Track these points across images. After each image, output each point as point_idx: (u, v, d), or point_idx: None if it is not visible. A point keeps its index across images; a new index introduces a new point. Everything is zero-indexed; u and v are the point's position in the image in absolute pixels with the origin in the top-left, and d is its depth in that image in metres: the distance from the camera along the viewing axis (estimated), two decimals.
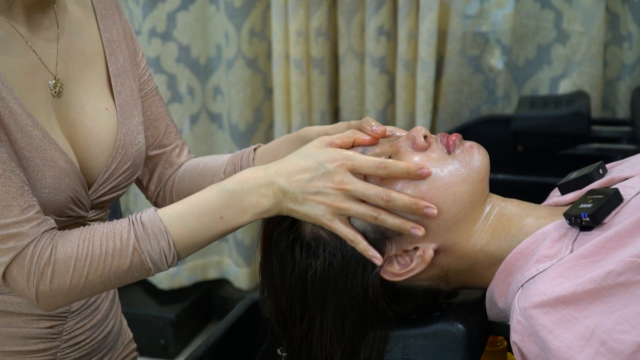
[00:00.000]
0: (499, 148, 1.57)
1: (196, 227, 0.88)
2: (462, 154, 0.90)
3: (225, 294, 2.61)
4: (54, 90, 0.97)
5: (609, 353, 0.71)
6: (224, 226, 0.88)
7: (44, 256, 0.85)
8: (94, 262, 0.85)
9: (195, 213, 0.88)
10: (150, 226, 0.87)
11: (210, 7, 2.36)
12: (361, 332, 0.91)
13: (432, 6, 2.03)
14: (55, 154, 0.93)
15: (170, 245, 0.87)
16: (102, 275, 0.86)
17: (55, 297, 0.86)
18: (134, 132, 1.04)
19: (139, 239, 0.86)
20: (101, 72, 1.04)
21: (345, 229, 0.87)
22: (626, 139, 1.90)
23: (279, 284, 0.93)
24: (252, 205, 0.87)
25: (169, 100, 2.39)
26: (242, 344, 1.10)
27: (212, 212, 0.87)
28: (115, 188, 1.03)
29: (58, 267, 0.85)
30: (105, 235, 0.86)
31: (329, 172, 0.86)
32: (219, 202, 0.88)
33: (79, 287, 0.86)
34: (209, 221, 0.88)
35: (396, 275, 0.89)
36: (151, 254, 0.86)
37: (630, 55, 2.04)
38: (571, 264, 0.79)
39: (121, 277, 0.87)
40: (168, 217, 0.87)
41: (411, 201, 0.86)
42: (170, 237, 0.87)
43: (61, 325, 1.04)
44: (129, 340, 1.21)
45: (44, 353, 1.02)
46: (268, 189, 0.87)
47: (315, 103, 2.30)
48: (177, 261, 0.89)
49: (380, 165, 0.86)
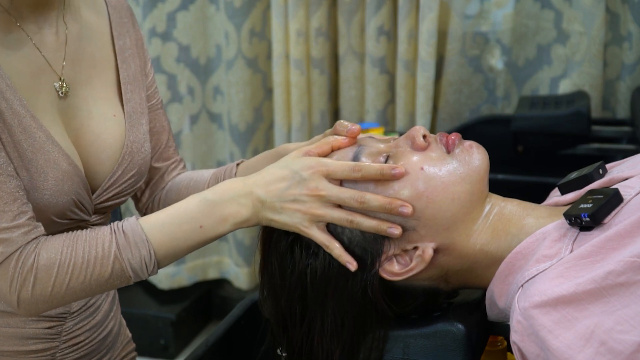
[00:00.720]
0: (499, 148, 1.57)
1: (176, 235, 0.89)
2: (462, 154, 0.90)
3: (225, 294, 2.61)
4: (60, 92, 0.97)
5: (609, 353, 0.71)
6: (204, 235, 0.89)
7: (27, 263, 0.86)
8: (76, 270, 0.86)
9: (175, 222, 0.89)
10: (131, 235, 0.88)
11: (210, 7, 2.36)
12: (361, 332, 0.91)
13: (432, 6, 2.03)
14: (58, 156, 0.93)
15: (151, 254, 0.88)
16: (83, 283, 0.87)
17: (37, 304, 0.87)
18: (141, 141, 1.04)
19: (120, 247, 0.87)
20: (110, 78, 1.04)
21: (321, 234, 0.88)
22: (626, 139, 1.90)
23: (278, 284, 0.93)
24: (231, 214, 0.89)
25: (169, 100, 2.39)
26: (242, 344, 1.10)
27: (192, 221, 0.89)
28: (119, 194, 1.03)
29: (40, 274, 0.86)
30: (87, 243, 0.87)
31: (304, 180, 0.87)
32: (198, 212, 0.89)
33: (60, 294, 0.87)
34: (189, 230, 0.89)
35: (396, 274, 0.89)
36: (132, 262, 0.87)
37: (630, 55, 2.04)
38: (571, 264, 0.79)
39: (102, 285, 0.88)
40: (149, 226, 0.89)
41: (385, 200, 0.87)
42: (151, 246, 0.88)
43: (60, 326, 1.04)
44: (128, 340, 1.21)
45: (43, 353, 1.02)
46: (247, 198, 0.88)
47: (315, 103, 2.30)
48: (157, 269, 0.90)
49: (354, 168, 0.87)
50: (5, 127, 0.88)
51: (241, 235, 2.48)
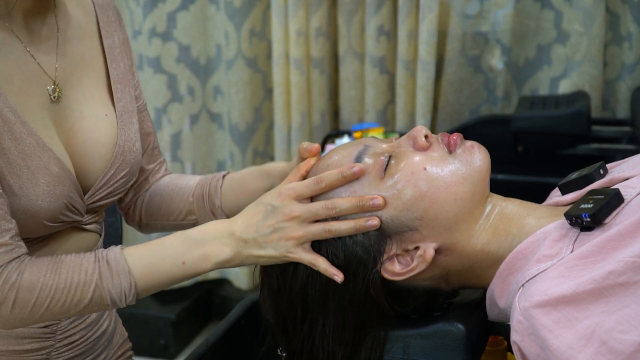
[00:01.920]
0: (499, 148, 1.57)
1: (159, 269, 0.90)
2: (463, 154, 0.90)
3: (225, 294, 2.61)
4: (52, 96, 0.97)
5: (609, 353, 0.71)
6: (185, 272, 0.91)
7: (9, 282, 0.86)
8: (57, 294, 0.87)
9: (158, 256, 0.90)
10: (115, 265, 0.89)
11: (211, 7, 2.36)
12: (362, 332, 0.91)
13: (432, 6, 2.03)
14: (49, 161, 0.93)
15: (132, 285, 0.89)
16: (62, 307, 0.88)
17: (14, 321, 0.88)
18: (133, 139, 1.04)
19: (102, 276, 0.88)
20: (101, 78, 1.04)
21: (307, 255, 0.89)
22: (626, 139, 1.90)
23: (280, 285, 0.93)
24: (213, 252, 0.90)
25: (169, 100, 2.39)
26: (242, 344, 1.10)
27: (175, 256, 0.90)
28: (111, 194, 1.03)
29: (21, 295, 0.86)
30: (71, 268, 0.88)
31: (276, 208, 0.89)
32: (182, 248, 0.90)
33: (38, 314, 0.88)
34: (171, 265, 0.90)
35: (397, 274, 0.89)
36: (112, 292, 0.89)
37: (630, 55, 2.05)
38: (572, 263, 0.79)
39: (80, 311, 0.90)
40: (132, 258, 0.90)
41: (354, 200, 0.88)
42: (133, 277, 0.89)
43: (55, 325, 1.04)
44: (124, 339, 1.21)
45: (37, 352, 1.03)
46: (229, 239, 0.90)
47: (315, 103, 2.30)
48: (135, 300, 0.91)
49: (317, 180, 0.89)
50: None
51: None
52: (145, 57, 2.35)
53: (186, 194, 1.13)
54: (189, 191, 1.13)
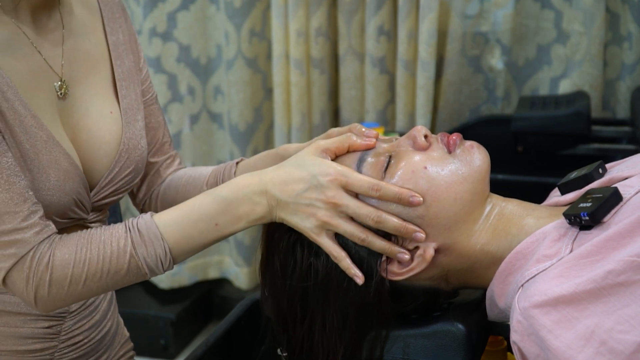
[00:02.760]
0: (499, 148, 1.57)
1: (191, 233, 0.89)
2: (463, 154, 0.90)
3: (225, 294, 2.61)
4: (59, 92, 0.97)
5: (609, 353, 0.71)
6: (219, 233, 0.89)
7: (42, 262, 0.86)
8: (92, 269, 0.87)
9: (190, 220, 0.89)
10: (146, 233, 0.88)
11: (211, 7, 2.36)
12: (362, 332, 0.91)
13: (432, 6, 2.03)
14: (59, 156, 0.93)
15: (166, 252, 0.88)
16: (99, 281, 0.87)
17: (54, 302, 0.87)
18: (138, 137, 1.04)
19: (135, 245, 0.87)
20: (106, 75, 1.04)
21: (331, 244, 0.87)
22: (626, 139, 1.90)
23: (280, 283, 0.93)
24: (245, 212, 0.89)
25: (170, 100, 2.40)
26: (242, 344, 1.10)
27: (207, 219, 0.89)
28: (116, 191, 1.03)
29: (56, 274, 0.86)
30: (102, 241, 0.87)
31: (322, 186, 0.86)
32: (213, 210, 0.89)
33: (77, 291, 0.87)
34: (204, 228, 0.89)
35: (397, 274, 0.89)
36: (147, 260, 0.88)
37: (630, 55, 2.05)
38: (571, 263, 0.79)
39: (118, 282, 0.89)
40: (164, 224, 0.89)
41: (401, 225, 0.87)
42: (167, 243, 0.88)
43: (59, 326, 1.04)
44: (126, 339, 1.21)
45: (41, 353, 1.03)
46: (262, 197, 0.88)
47: (315, 103, 2.30)
48: (173, 266, 0.90)
49: (373, 187, 0.87)
50: (7, 128, 0.88)
51: (241, 235, 2.48)
52: (146, 57, 2.35)
53: (200, 184, 1.12)
54: (202, 180, 1.12)
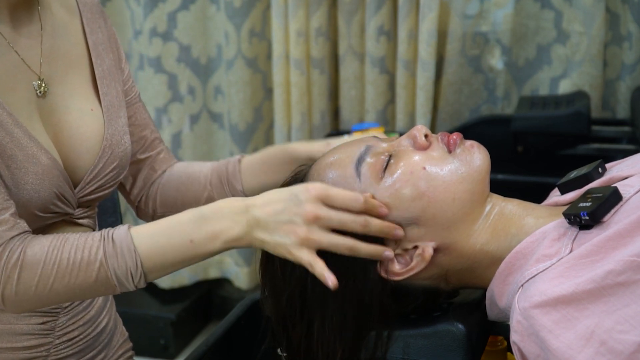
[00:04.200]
0: (499, 148, 1.57)
1: (165, 248, 0.87)
2: (463, 153, 0.90)
3: (225, 293, 2.61)
4: (38, 91, 0.98)
5: (609, 353, 0.71)
6: (193, 251, 0.87)
7: (12, 258, 0.85)
8: (60, 271, 0.86)
9: (165, 234, 0.88)
10: (120, 244, 0.87)
11: (211, 7, 2.36)
12: (362, 332, 0.91)
13: (432, 6, 2.03)
14: (37, 151, 0.93)
15: (137, 265, 0.87)
16: (67, 286, 0.86)
17: (21, 302, 0.86)
18: (120, 133, 1.05)
19: (107, 255, 0.86)
20: (86, 74, 1.05)
21: (308, 256, 0.84)
22: (626, 139, 1.90)
23: (280, 283, 0.93)
24: (222, 231, 0.86)
25: (170, 100, 2.39)
26: (242, 344, 1.10)
27: (182, 234, 0.87)
28: (101, 187, 1.04)
29: (25, 272, 0.85)
30: (75, 246, 0.87)
31: (301, 202, 0.85)
32: (190, 226, 0.87)
33: (44, 294, 0.86)
34: (179, 244, 0.87)
35: (396, 274, 0.89)
36: (117, 271, 0.87)
37: (630, 55, 2.04)
38: (571, 263, 0.79)
39: (86, 291, 0.87)
40: (139, 236, 0.87)
41: (384, 225, 0.87)
42: (139, 256, 0.87)
43: (53, 322, 1.04)
44: (125, 339, 1.21)
45: (36, 349, 1.03)
46: (242, 217, 0.86)
47: (315, 103, 2.30)
48: (144, 282, 0.88)
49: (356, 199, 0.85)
50: None
51: None
52: (146, 57, 2.35)
53: (202, 182, 1.11)
54: (204, 179, 1.12)
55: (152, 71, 2.35)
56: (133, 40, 2.39)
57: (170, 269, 0.89)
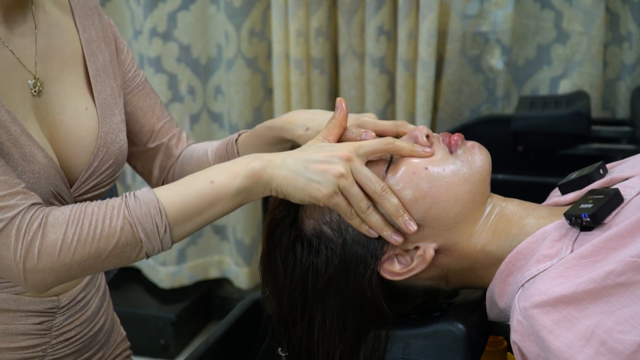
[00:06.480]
0: (499, 148, 1.57)
1: (187, 193, 0.86)
2: (464, 154, 0.90)
3: (225, 293, 2.61)
4: (33, 90, 0.97)
5: (609, 353, 0.71)
6: (215, 192, 0.86)
7: (33, 226, 0.84)
8: (84, 230, 0.84)
9: (186, 182, 0.88)
10: (141, 196, 0.87)
11: (211, 7, 2.36)
12: (362, 331, 0.91)
13: (432, 6, 2.03)
14: (34, 150, 0.93)
15: (161, 213, 0.85)
16: (91, 246, 0.84)
17: (43, 272, 0.84)
18: (115, 131, 1.05)
19: (129, 207, 0.86)
20: (80, 72, 1.05)
21: (345, 203, 0.85)
22: (626, 139, 1.90)
23: (280, 282, 0.93)
24: (242, 166, 0.86)
25: (170, 100, 2.39)
26: (242, 344, 1.10)
27: (203, 178, 0.87)
28: (97, 186, 1.04)
29: (47, 236, 0.83)
30: (97, 206, 0.86)
31: (335, 147, 0.86)
32: (211, 171, 0.88)
33: (68, 259, 0.83)
34: (200, 187, 0.86)
35: (397, 274, 0.89)
36: (141, 220, 0.85)
37: (630, 55, 2.05)
38: (571, 263, 0.79)
39: (111, 251, 0.85)
40: (160, 189, 0.88)
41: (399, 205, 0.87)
42: (162, 205, 0.86)
43: (50, 321, 1.04)
44: (122, 338, 1.21)
45: (33, 349, 1.02)
46: (266, 155, 0.87)
47: (315, 103, 2.29)
48: (169, 237, 0.87)
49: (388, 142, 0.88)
50: None
51: (241, 235, 2.48)
52: (146, 57, 2.35)
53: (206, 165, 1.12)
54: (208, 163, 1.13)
55: (152, 71, 2.35)
56: (133, 40, 2.39)
57: (194, 220, 0.87)
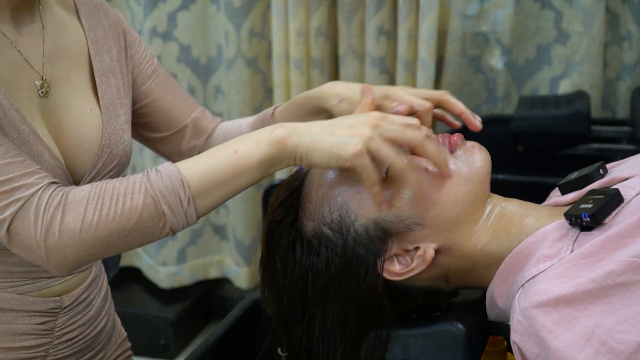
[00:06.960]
0: (499, 148, 1.57)
1: (210, 163, 0.85)
2: (464, 154, 0.90)
3: (225, 293, 2.62)
4: (40, 91, 0.97)
5: (609, 353, 0.71)
6: (240, 161, 0.84)
7: (53, 203, 0.82)
8: (106, 204, 0.82)
9: (210, 152, 0.86)
10: (163, 170, 0.85)
11: (211, 7, 2.36)
12: (362, 332, 0.91)
13: (432, 6, 2.03)
14: (41, 149, 0.93)
15: (183, 184, 0.84)
16: (113, 222, 0.82)
17: (64, 250, 0.82)
18: (119, 132, 1.05)
19: (151, 180, 0.84)
20: (86, 72, 1.05)
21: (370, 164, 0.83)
22: (626, 139, 1.90)
23: (280, 282, 0.93)
24: (266, 135, 0.85)
25: None
26: (242, 344, 1.10)
27: (226, 148, 0.86)
28: None
29: (68, 212, 0.82)
30: (118, 182, 0.85)
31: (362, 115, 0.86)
32: (234, 142, 0.86)
33: (90, 234, 0.82)
34: (223, 157, 0.85)
35: (397, 274, 0.89)
36: (164, 194, 0.83)
37: (630, 55, 2.05)
38: (571, 264, 0.79)
39: (135, 227, 0.83)
40: (183, 162, 0.86)
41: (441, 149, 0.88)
42: (184, 176, 0.84)
43: (53, 322, 1.04)
44: (123, 339, 1.21)
45: (35, 349, 1.03)
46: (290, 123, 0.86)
47: None
48: (194, 210, 0.85)
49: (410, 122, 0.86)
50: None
51: (241, 235, 2.48)
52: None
53: None
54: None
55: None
56: None
57: (219, 191, 0.85)
